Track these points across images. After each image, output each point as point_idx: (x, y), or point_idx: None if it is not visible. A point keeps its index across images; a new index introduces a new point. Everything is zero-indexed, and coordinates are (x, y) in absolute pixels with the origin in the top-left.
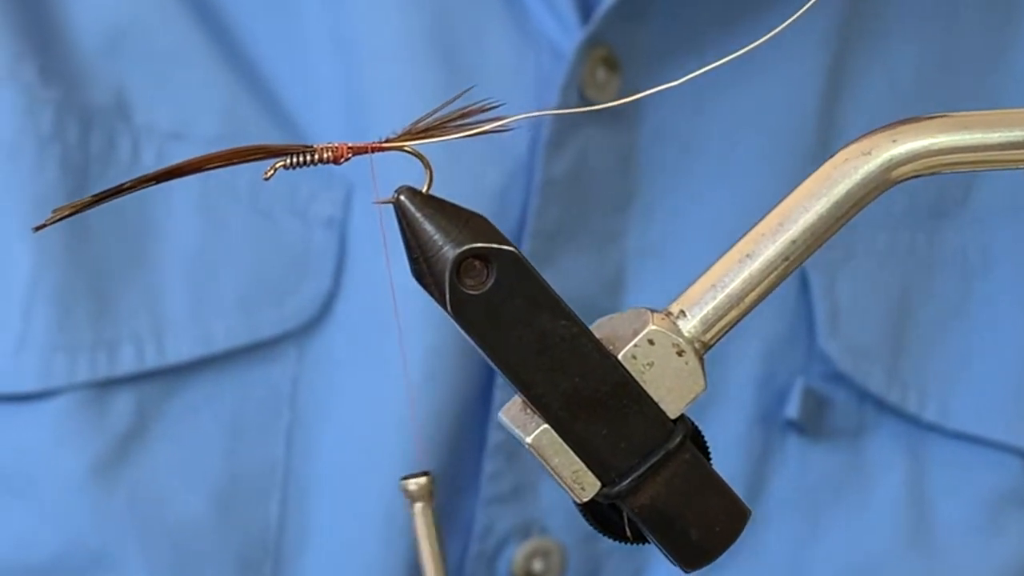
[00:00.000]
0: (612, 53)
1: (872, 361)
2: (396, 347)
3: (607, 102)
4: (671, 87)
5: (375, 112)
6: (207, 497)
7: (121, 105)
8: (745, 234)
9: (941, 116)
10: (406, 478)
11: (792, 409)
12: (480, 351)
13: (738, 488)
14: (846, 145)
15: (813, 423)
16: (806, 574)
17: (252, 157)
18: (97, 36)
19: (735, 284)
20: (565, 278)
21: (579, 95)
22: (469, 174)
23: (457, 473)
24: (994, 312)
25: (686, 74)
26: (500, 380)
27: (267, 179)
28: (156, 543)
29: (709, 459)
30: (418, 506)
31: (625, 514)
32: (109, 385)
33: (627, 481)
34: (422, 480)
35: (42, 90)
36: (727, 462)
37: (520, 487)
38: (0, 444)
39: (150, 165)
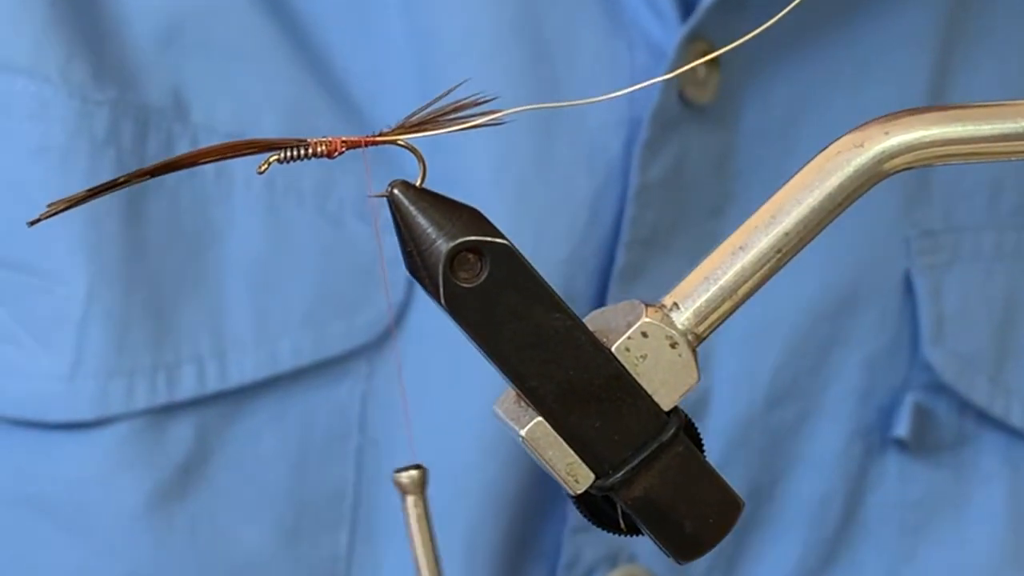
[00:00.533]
0: (712, 48)
1: (976, 370)
2: (471, 362)
3: (707, 100)
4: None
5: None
6: (272, 528)
7: (179, 104)
8: (738, 227)
9: (934, 108)
10: (399, 471)
11: (901, 427)
12: (474, 344)
13: (835, 503)
14: (839, 137)
15: (916, 438)
16: None
17: (246, 151)
18: (153, 30)
19: (728, 276)
20: (658, 286)
21: (678, 93)
22: (559, 180)
23: (542, 499)
24: None
25: (786, 72)
26: None
27: (261, 173)
28: None
29: (703, 451)
30: (410, 499)
31: (619, 506)
32: (168, 411)
33: (621, 473)
34: (414, 473)
35: (95, 92)
36: (824, 476)
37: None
38: (52, 476)
39: (210, 166)
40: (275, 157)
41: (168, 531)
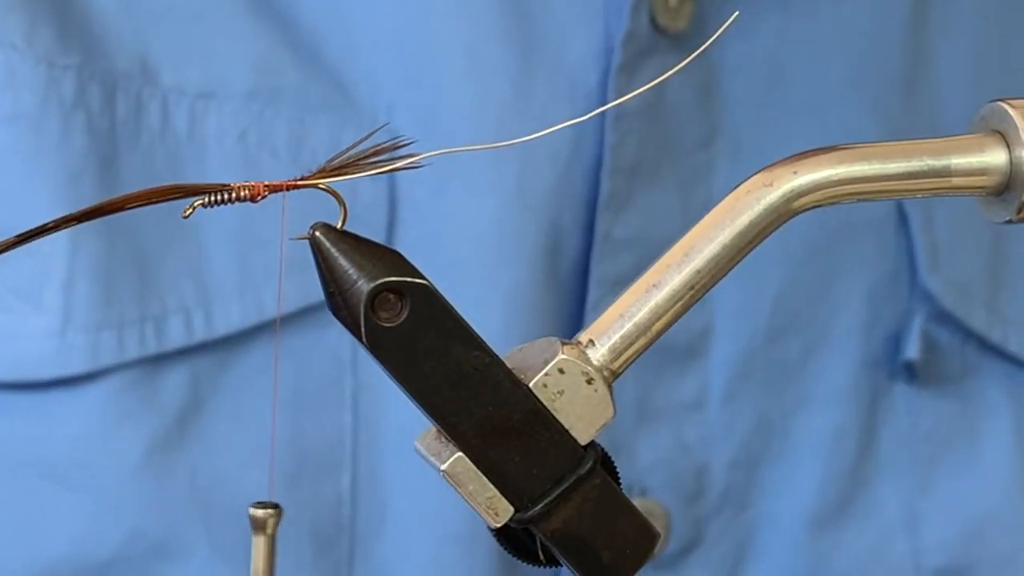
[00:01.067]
0: None
1: (973, 298)
2: (464, 298)
3: (681, 28)
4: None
5: (431, 50)
6: (273, 473)
7: (146, 67)
8: (651, 265)
9: (840, 148)
10: (254, 506)
11: (912, 350)
12: (395, 382)
13: (849, 439)
14: (748, 177)
15: (924, 367)
16: (922, 527)
17: (170, 196)
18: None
19: (642, 313)
20: (648, 217)
21: (650, 21)
22: (539, 113)
23: None
24: None
25: (766, 2)
26: (589, 307)
27: (185, 218)
28: (222, 526)
29: (619, 484)
30: (259, 539)
31: (538, 538)
32: (160, 361)
33: (539, 506)
34: (271, 510)
35: (61, 56)
36: (837, 410)
37: (615, 445)
38: (51, 436)
39: (182, 126)
40: (200, 202)
41: (169, 480)
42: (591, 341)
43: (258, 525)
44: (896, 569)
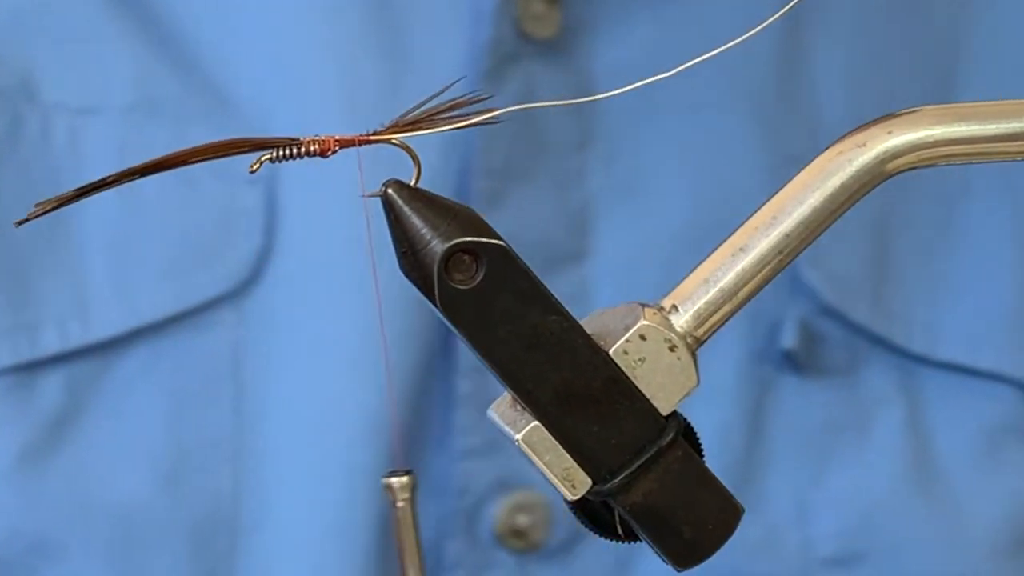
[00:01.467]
0: None
1: (855, 291)
2: (340, 300)
3: (548, 35)
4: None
5: (304, 59)
6: (152, 474)
7: (27, 85)
8: (738, 227)
9: (937, 107)
10: (388, 475)
11: (788, 339)
12: (469, 347)
13: (736, 433)
14: (841, 138)
15: (809, 359)
16: (812, 518)
17: (238, 150)
18: None
19: (728, 278)
20: (522, 219)
21: (516, 28)
22: None
23: (425, 429)
24: (977, 238)
25: (637, 11)
26: None
27: (253, 172)
28: (100, 525)
29: (702, 455)
30: (399, 504)
31: (616, 512)
32: (34, 367)
33: (618, 479)
34: (404, 479)
35: None
36: (722, 406)
37: (496, 440)
38: None
39: (61, 141)
40: (267, 156)
41: (43, 483)
42: (674, 307)
43: (394, 494)
44: (786, 560)
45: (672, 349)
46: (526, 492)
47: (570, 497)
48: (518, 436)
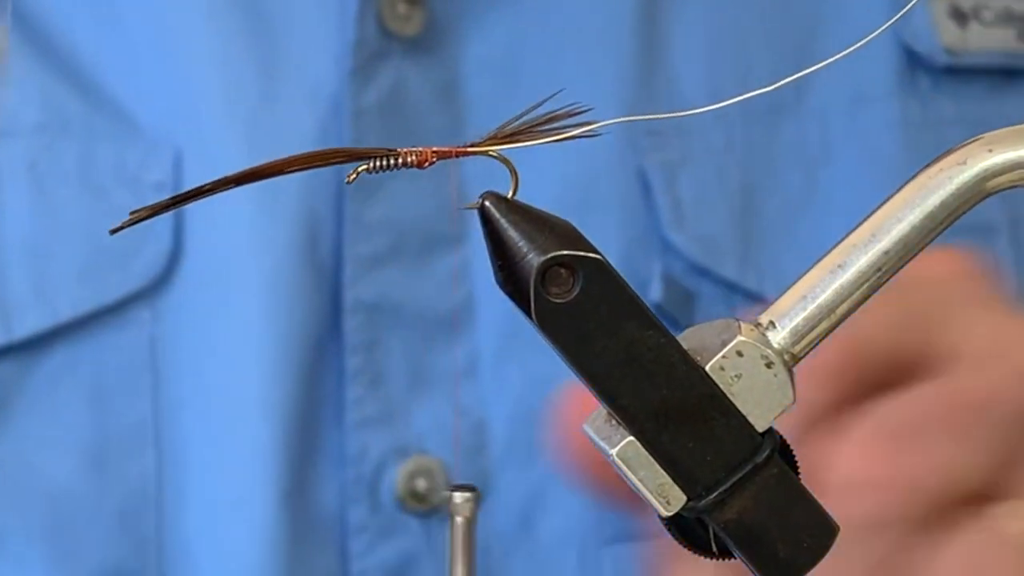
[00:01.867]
0: None
1: (723, 250)
2: (247, 295)
3: (413, 33)
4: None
5: (188, 70)
6: (79, 460)
7: None
8: (836, 244)
9: None
10: (453, 489)
11: (655, 293)
12: (565, 361)
13: None
14: (941, 156)
15: (683, 315)
16: None
17: (335, 160)
18: None
19: (826, 295)
20: (396, 201)
21: (381, 27)
22: (286, 113)
23: (320, 404)
24: (841, 202)
25: (500, 8)
26: (348, 305)
27: (350, 183)
28: (35, 510)
29: (798, 473)
30: (458, 520)
31: (711, 529)
32: None
33: (714, 495)
34: (468, 494)
35: None
36: None
37: (389, 412)
38: None
39: None
40: (364, 167)
41: None
42: (771, 323)
43: (455, 510)
44: None
45: (769, 366)
46: (422, 457)
47: (665, 513)
48: (613, 451)
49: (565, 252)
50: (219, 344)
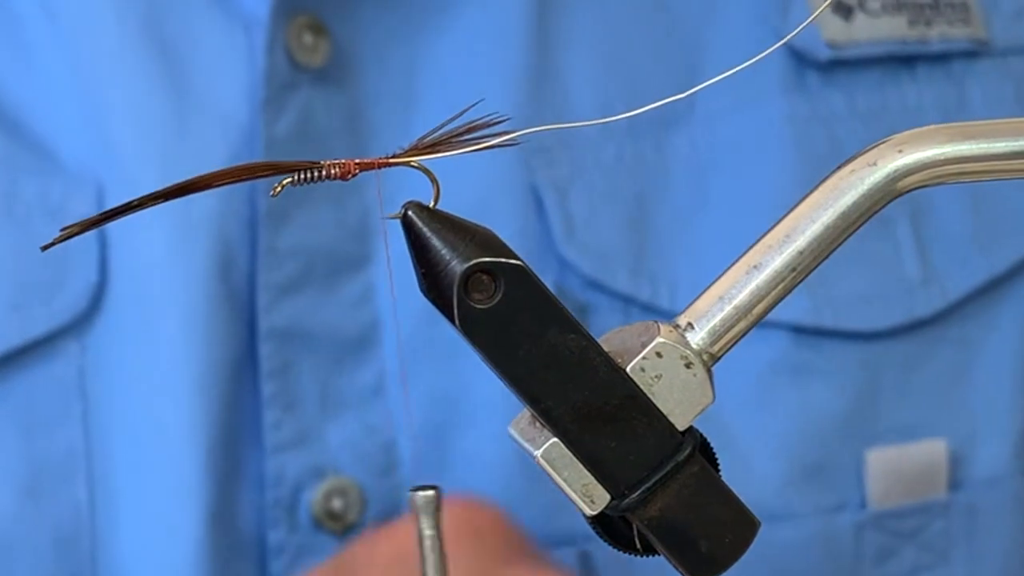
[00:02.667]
0: (316, 19)
1: (616, 264)
2: (171, 325)
3: (319, 64)
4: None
5: (104, 107)
6: (12, 488)
7: None
8: (752, 245)
9: (947, 126)
10: (415, 489)
11: None
12: (489, 365)
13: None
14: (853, 157)
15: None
16: None
17: (261, 174)
18: None
19: (743, 295)
20: (305, 229)
21: (289, 59)
22: (199, 146)
23: (239, 428)
24: (730, 207)
25: (398, 38)
26: (263, 333)
27: (275, 196)
28: None
29: (718, 470)
30: (423, 520)
31: (635, 526)
32: None
33: (637, 494)
34: (430, 493)
35: None
36: None
37: (304, 434)
38: None
39: None
40: (288, 180)
41: None
42: (690, 324)
43: (419, 509)
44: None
45: (688, 366)
46: (338, 478)
47: (589, 512)
48: (537, 452)
49: (487, 259)
50: (144, 372)
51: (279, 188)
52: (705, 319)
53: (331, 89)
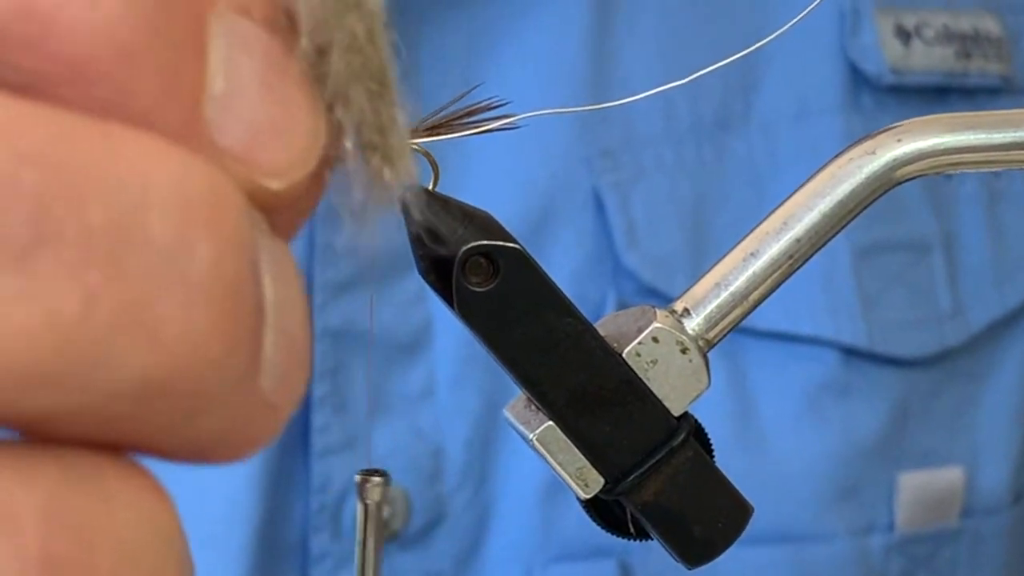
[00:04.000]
0: None
1: (674, 270)
2: None
3: None
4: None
5: None
6: None
7: None
8: (749, 232)
9: (947, 116)
10: (360, 473)
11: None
12: (485, 348)
13: None
14: (851, 145)
15: None
16: None
17: None
18: None
19: (739, 282)
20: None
21: None
22: None
23: (286, 431)
24: None
25: (455, 19)
26: (318, 331)
27: None
28: None
29: (712, 456)
30: (359, 505)
31: (629, 511)
32: None
33: (631, 478)
34: (375, 479)
35: None
36: None
37: (353, 438)
38: None
39: None
40: None
41: None
42: (686, 310)
43: (362, 493)
44: None
45: (684, 351)
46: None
47: (583, 496)
48: (532, 435)
49: (485, 242)
50: None
51: None
52: (702, 305)
53: None
